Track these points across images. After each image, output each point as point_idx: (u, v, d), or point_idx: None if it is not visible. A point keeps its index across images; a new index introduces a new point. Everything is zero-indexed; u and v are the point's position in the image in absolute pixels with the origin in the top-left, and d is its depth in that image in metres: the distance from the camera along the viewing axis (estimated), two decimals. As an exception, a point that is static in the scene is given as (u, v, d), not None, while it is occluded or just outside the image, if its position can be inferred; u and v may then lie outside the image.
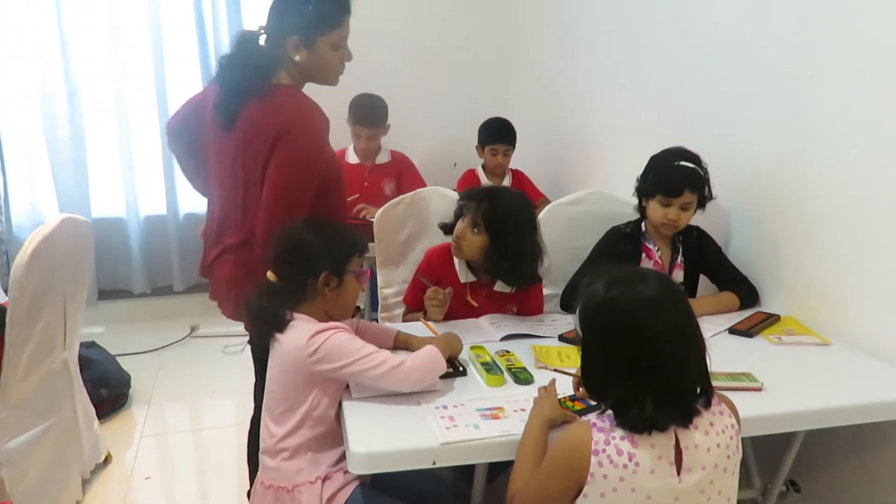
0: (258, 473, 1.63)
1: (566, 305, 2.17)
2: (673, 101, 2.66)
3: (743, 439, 1.28)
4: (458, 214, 2.05)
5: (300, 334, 1.52)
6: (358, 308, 2.42)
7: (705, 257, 2.20)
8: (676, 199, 2.07)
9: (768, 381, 1.59)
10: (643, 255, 2.17)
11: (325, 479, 1.55)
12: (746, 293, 2.15)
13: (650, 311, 1.19)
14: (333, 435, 1.56)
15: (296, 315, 1.58)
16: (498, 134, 3.42)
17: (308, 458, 1.55)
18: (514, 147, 3.46)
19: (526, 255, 2.00)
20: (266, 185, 1.77)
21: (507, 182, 3.50)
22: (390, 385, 1.49)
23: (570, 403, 1.46)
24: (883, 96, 1.76)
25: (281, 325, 1.57)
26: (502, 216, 1.97)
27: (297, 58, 1.83)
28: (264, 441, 1.61)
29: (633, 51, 2.94)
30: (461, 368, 1.67)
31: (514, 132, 3.45)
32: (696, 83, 2.52)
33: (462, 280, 2.09)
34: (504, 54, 4.05)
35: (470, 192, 2.06)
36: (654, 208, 2.11)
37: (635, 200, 2.21)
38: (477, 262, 2.06)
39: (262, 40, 1.86)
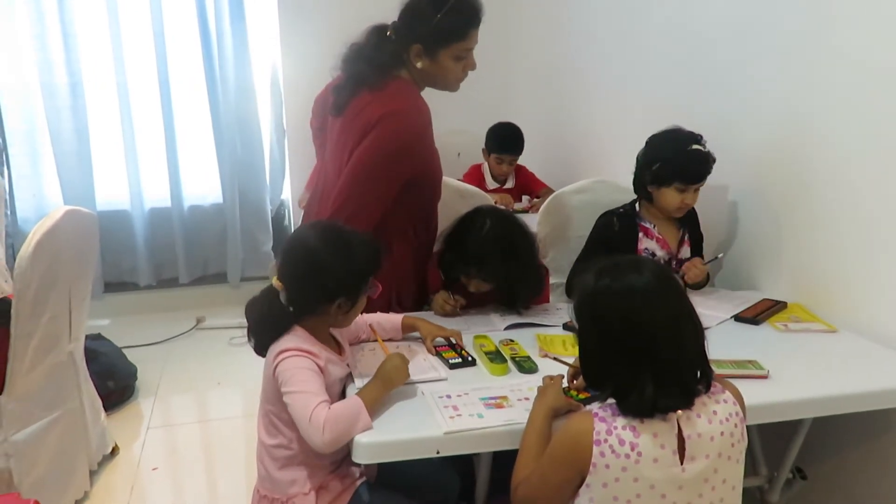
0: (256, 479, 1.59)
1: (569, 293, 2.18)
2: (674, 87, 2.65)
3: (749, 427, 1.28)
4: (457, 258, 2.01)
5: (277, 348, 1.47)
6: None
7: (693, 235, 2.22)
8: (695, 185, 2.06)
9: (774, 369, 1.58)
10: (640, 234, 2.15)
11: (320, 489, 1.51)
12: None
13: (642, 300, 1.19)
14: None
15: (294, 327, 1.51)
16: (505, 144, 3.43)
17: (300, 468, 1.50)
18: (519, 155, 3.45)
19: (530, 280, 2.01)
20: (351, 160, 1.88)
21: (511, 181, 3.49)
22: (306, 436, 1.37)
23: (574, 392, 1.45)
24: (888, 79, 1.74)
25: (279, 333, 1.50)
26: (503, 273, 1.95)
27: (418, 64, 1.93)
28: (258, 448, 1.57)
29: (634, 38, 2.92)
30: (470, 358, 1.66)
31: (522, 140, 3.44)
32: (697, 69, 2.50)
33: (472, 290, 2.04)
34: (505, 45, 4.03)
35: (460, 258, 1.98)
36: (670, 195, 2.07)
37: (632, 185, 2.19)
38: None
39: (390, 37, 1.94)
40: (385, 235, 1.89)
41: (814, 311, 1.98)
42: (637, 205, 2.19)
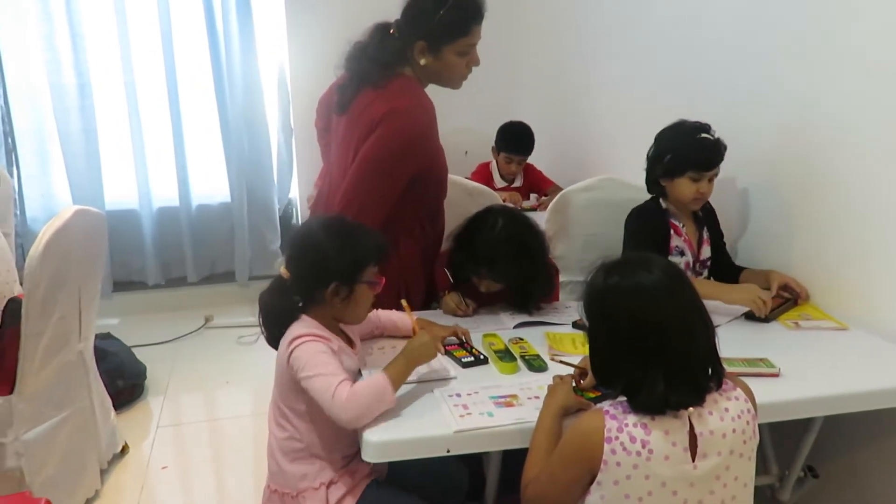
0: (266, 475, 1.60)
1: None
2: (682, 82, 2.63)
3: (760, 425, 1.27)
4: (467, 258, 1.99)
5: (288, 337, 1.49)
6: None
7: (713, 234, 2.21)
8: (708, 173, 2.03)
9: (785, 367, 1.57)
10: (671, 232, 2.12)
11: (331, 483, 1.51)
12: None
13: (651, 297, 1.18)
14: (338, 436, 1.52)
15: (302, 316, 1.54)
16: (515, 144, 3.42)
17: (311, 462, 1.51)
18: (528, 156, 3.44)
19: (541, 280, 2.00)
20: (356, 159, 1.88)
21: (519, 180, 3.49)
22: (331, 415, 1.38)
23: (587, 392, 1.44)
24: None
25: (289, 322, 1.53)
26: (514, 273, 1.94)
27: (422, 61, 1.93)
28: (268, 443, 1.58)
29: (640, 34, 2.90)
30: (482, 357, 1.66)
31: (533, 140, 3.43)
32: (704, 64, 2.48)
33: (483, 290, 2.03)
34: (512, 43, 4.03)
35: (471, 258, 1.97)
36: (684, 185, 2.04)
37: (644, 183, 2.16)
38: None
39: (394, 34, 1.94)
40: (392, 233, 1.89)
41: (825, 309, 1.97)
42: (661, 203, 2.14)
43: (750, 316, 1.92)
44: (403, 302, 1.74)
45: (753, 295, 1.90)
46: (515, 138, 3.43)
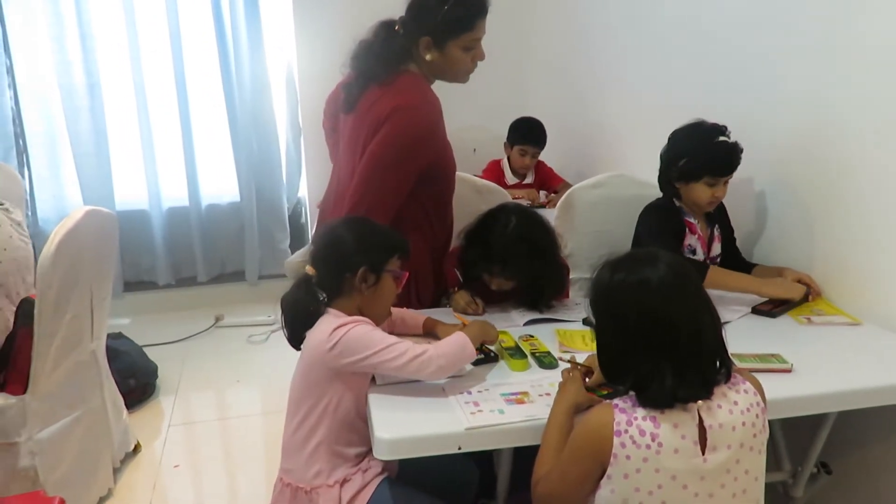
0: (279, 470, 1.61)
1: None
2: (693, 77, 2.62)
3: (772, 421, 1.27)
4: (479, 256, 1.98)
5: (324, 328, 1.49)
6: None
7: (724, 230, 2.20)
8: (725, 177, 2.02)
9: (798, 363, 1.56)
10: (686, 230, 2.10)
11: (344, 482, 1.52)
12: None
13: (657, 293, 1.18)
14: (354, 433, 1.53)
15: (329, 310, 1.55)
16: (530, 135, 3.43)
17: (326, 459, 1.52)
18: (542, 149, 3.44)
19: (553, 279, 2.01)
20: (364, 156, 1.89)
21: (530, 177, 3.48)
22: (411, 375, 1.46)
23: (602, 391, 1.44)
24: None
25: (312, 320, 1.54)
26: (527, 272, 1.94)
27: (427, 57, 1.94)
28: (283, 438, 1.59)
29: (649, 29, 2.89)
30: (493, 354, 1.66)
31: (545, 134, 3.44)
32: (714, 60, 2.47)
33: (494, 288, 2.03)
34: (522, 41, 4.02)
35: (483, 256, 1.96)
36: (700, 190, 2.02)
37: (657, 183, 2.14)
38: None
39: (398, 31, 1.96)
40: (401, 229, 1.89)
41: (838, 305, 1.96)
42: (674, 201, 2.11)
43: (758, 311, 1.92)
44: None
45: (789, 285, 1.95)
46: (530, 130, 3.44)
